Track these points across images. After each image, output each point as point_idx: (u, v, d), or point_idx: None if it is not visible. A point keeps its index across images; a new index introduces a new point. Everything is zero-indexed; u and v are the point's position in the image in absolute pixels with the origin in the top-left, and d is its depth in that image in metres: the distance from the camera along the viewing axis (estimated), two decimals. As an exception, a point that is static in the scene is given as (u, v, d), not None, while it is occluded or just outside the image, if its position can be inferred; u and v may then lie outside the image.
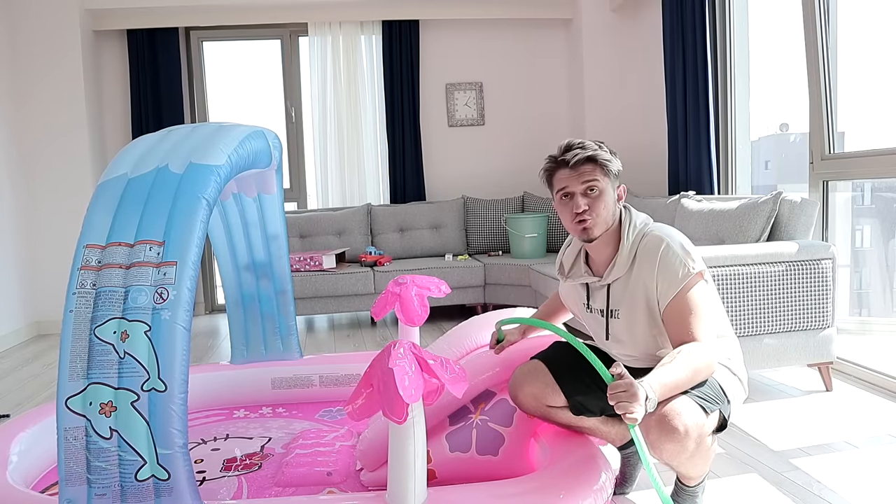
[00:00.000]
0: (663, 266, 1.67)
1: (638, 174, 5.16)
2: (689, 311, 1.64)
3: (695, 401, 1.58)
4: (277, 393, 2.94)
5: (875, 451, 2.30)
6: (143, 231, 1.70)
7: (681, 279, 1.65)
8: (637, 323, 1.75)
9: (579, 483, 1.67)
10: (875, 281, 4.17)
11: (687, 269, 1.66)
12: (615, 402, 1.42)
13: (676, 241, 1.71)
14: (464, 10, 5.38)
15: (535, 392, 1.87)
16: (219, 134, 1.97)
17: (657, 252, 1.68)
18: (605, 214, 1.73)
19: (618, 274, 1.75)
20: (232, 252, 2.86)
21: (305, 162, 5.67)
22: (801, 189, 3.46)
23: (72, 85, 4.90)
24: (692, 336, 1.62)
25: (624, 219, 1.77)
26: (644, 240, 1.73)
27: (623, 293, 1.76)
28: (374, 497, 1.69)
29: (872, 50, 3.56)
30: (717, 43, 4.14)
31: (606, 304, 1.80)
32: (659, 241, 1.70)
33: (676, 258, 1.67)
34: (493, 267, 4.81)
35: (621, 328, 1.79)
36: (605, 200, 1.73)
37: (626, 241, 1.74)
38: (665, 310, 1.68)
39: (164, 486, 1.55)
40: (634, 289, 1.73)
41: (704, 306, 1.67)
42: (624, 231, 1.75)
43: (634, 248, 1.73)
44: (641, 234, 1.74)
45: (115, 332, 1.59)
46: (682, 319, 1.65)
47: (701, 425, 1.56)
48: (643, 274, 1.70)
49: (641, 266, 1.71)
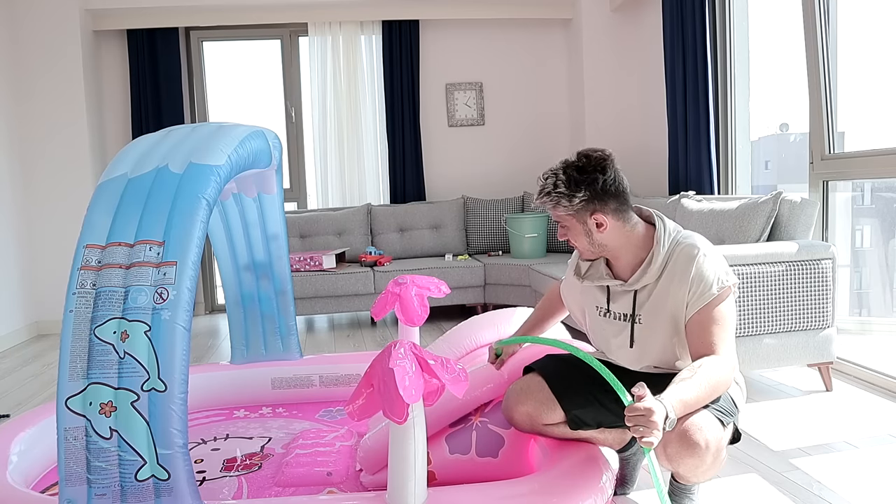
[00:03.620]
0: (698, 277, 1.64)
1: (638, 174, 5.16)
2: (714, 324, 1.62)
3: (714, 414, 1.57)
4: (277, 393, 2.93)
5: (875, 451, 2.30)
6: (143, 231, 1.70)
7: (714, 292, 1.63)
8: (657, 330, 1.72)
9: (579, 484, 1.67)
10: (875, 281, 4.17)
11: (721, 283, 1.65)
12: (632, 425, 1.39)
13: (711, 252, 1.69)
14: (464, 10, 5.38)
15: (530, 411, 1.82)
16: (219, 134, 1.97)
17: (692, 262, 1.65)
18: (581, 245, 1.74)
19: (648, 281, 1.71)
20: (232, 252, 2.86)
21: (305, 162, 5.67)
22: (801, 189, 3.46)
23: (72, 85, 4.89)
24: (713, 349, 1.60)
25: (658, 227, 1.73)
26: (678, 249, 1.69)
27: (648, 299, 1.73)
28: (374, 497, 1.69)
29: (872, 50, 3.56)
30: (717, 43, 4.14)
31: (633, 309, 1.76)
32: (693, 251, 1.67)
33: (712, 270, 1.65)
34: (493, 267, 4.81)
35: (645, 335, 1.76)
36: (575, 235, 1.73)
37: (660, 250, 1.69)
38: (690, 320, 1.66)
39: (164, 486, 1.55)
40: (661, 297, 1.70)
41: (730, 320, 1.65)
42: (657, 240, 1.71)
43: (668, 257, 1.70)
44: (675, 241, 1.71)
45: (115, 332, 1.59)
46: (706, 332, 1.62)
47: (720, 439, 1.56)
48: (674, 284, 1.67)
49: (673, 275, 1.68)
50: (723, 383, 1.57)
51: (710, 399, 1.55)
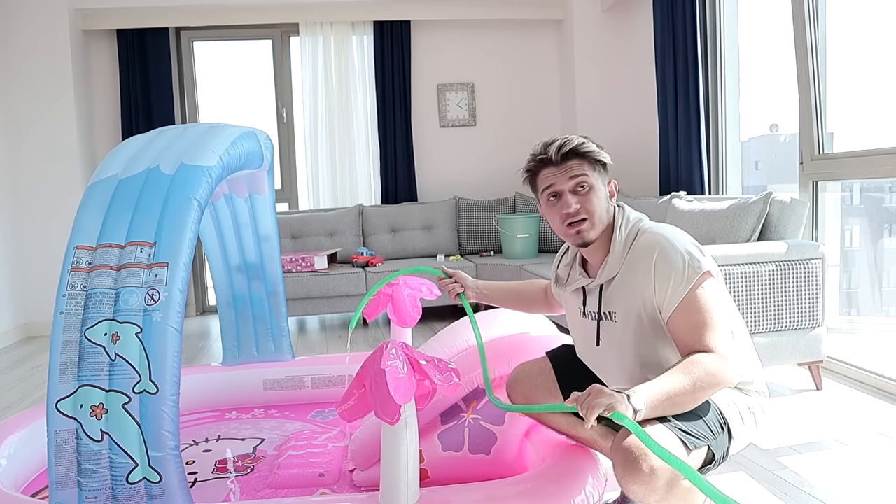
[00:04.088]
0: (662, 267, 1.47)
1: (629, 174, 5.18)
2: (697, 318, 1.43)
3: (674, 432, 1.36)
4: (269, 394, 2.93)
5: (864, 449, 2.32)
6: (134, 232, 1.70)
7: (685, 281, 1.45)
8: (628, 325, 1.55)
9: (572, 482, 1.67)
10: (864, 280, 4.20)
11: (692, 269, 1.45)
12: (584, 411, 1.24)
13: (677, 238, 1.51)
14: (455, 11, 5.38)
15: (526, 392, 1.81)
16: (210, 134, 1.96)
17: (653, 251, 1.49)
18: (599, 212, 1.55)
19: (610, 273, 1.57)
20: (223, 253, 2.85)
21: (297, 162, 5.65)
22: (790, 189, 3.48)
23: (61, 85, 4.86)
24: (704, 346, 1.40)
25: (617, 215, 1.60)
26: (639, 237, 1.55)
27: (617, 295, 1.57)
28: (367, 498, 1.69)
29: (861, 51, 3.59)
30: (707, 43, 4.16)
31: (598, 306, 1.62)
32: (656, 238, 1.51)
33: (678, 257, 1.46)
34: (485, 267, 4.81)
35: (616, 333, 1.59)
36: (598, 196, 1.56)
37: (617, 238, 1.56)
38: (670, 318, 1.47)
39: (155, 489, 1.54)
40: (626, 288, 1.55)
41: (716, 310, 1.44)
42: (616, 227, 1.58)
43: (627, 245, 1.56)
44: (636, 230, 1.57)
45: (106, 334, 1.58)
46: (690, 328, 1.43)
47: None
48: (639, 275, 1.51)
49: (636, 266, 1.52)
50: (709, 380, 1.35)
51: (696, 393, 1.34)
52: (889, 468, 2.17)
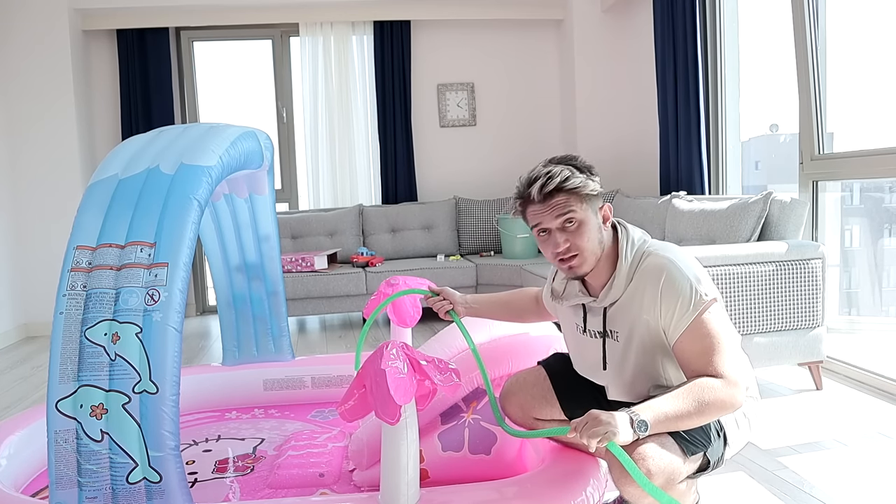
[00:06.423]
0: (669, 292, 1.46)
1: (629, 174, 5.18)
2: (705, 343, 1.43)
3: (673, 437, 1.40)
4: (269, 394, 2.93)
5: (864, 449, 2.32)
6: (134, 232, 1.69)
7: (692, 307, 1.44)
8: (632, 349, 1.55)
9: (572, 483, 1.67)
10: (864, 280, 4.21)
11: (699, 295, 1.45)
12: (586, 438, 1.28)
13: (684, 262, 1.50)
14: (455, 11, 5.38)
15: (522, 403, 1.80)
16: (210, 134, 1.96)
17: (660, 275, 1.47)
18: (590, 247, 1.52)
19: (615, 297, 1.55)
20: (223, 253, 2.85)
21: (297, 162, 5.65)
22: (790, 189, 3.48)
23: (61, 85, 4.86)
24: (712, 370, 1.41)
25: (620, 236, 1.57)
26: (645, 260, 1.52)
27: (621, 315, 1.56)
28: (367, 498, 1.69)
29: (861, 51, 3.59)
30: (707, 44, 4.16)
31: (603, 325, 1.60)
32: (662, 262, 1.49)
33: (685, 283, 1.45)
34: (485, 267, 4.81)
35: (619, 351, 1.58)
36: (588, 230, 1.51)
37: (623, 262, 1.53)
38: (677, 342, 1.46)
39: (155, 489, 1.54)
40: (631, 312, 1.53)
41: (723, 333, 1.45)
42: (621, 250, 1.54)
43: (633, 268, 1.53)
44: (641, 252, 1.54)
45: (105, 334, 1.58)
46: (697, 352, 1.43)
47: (675, 469, 1.37)
48: (645, 299, 1.49)
49: (643, 290, 1.50)
50: (716, 404, 1.37)
51: (699, 416, 1.37)
52: (889, 468, 2.17)
